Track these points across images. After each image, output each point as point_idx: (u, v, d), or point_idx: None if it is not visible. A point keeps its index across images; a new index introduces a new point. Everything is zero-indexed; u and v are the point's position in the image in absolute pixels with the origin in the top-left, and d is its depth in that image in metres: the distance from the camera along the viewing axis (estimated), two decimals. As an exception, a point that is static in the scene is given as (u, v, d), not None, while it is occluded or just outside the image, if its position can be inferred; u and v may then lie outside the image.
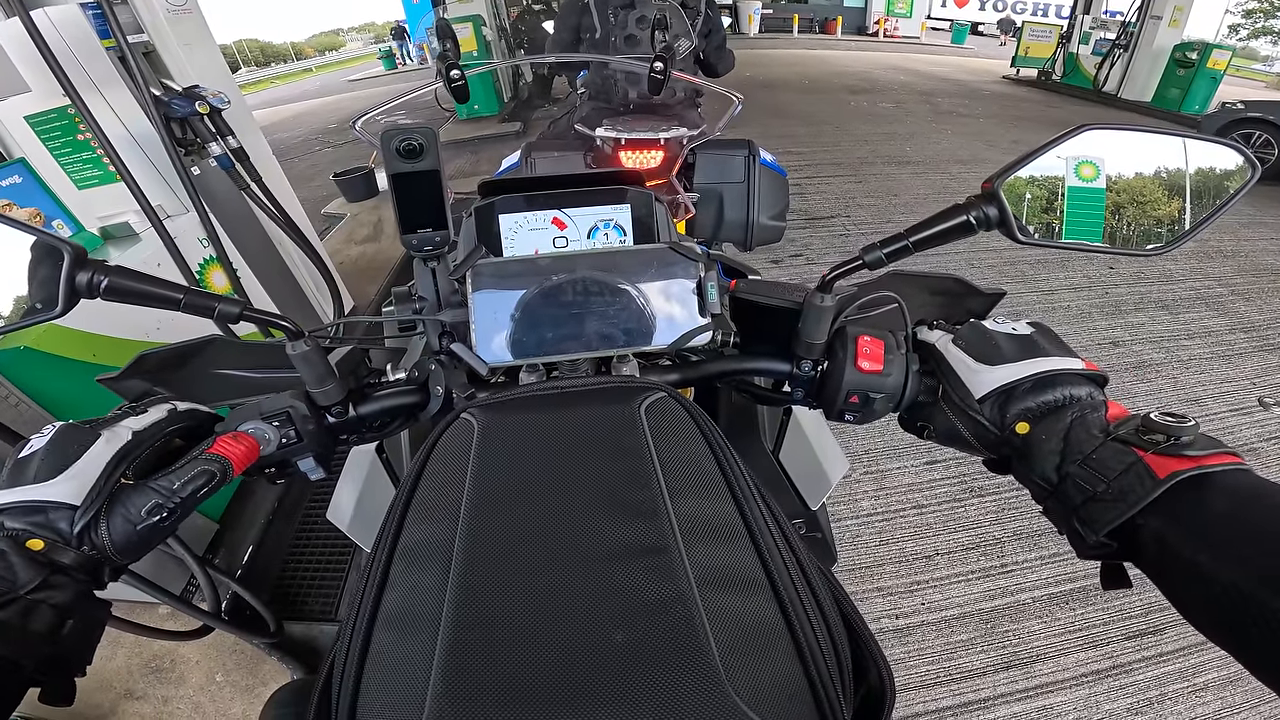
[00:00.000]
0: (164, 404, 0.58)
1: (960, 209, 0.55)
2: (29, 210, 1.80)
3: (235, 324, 0.56)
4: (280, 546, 2.15)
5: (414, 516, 0.48)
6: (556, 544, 0.44)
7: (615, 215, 0.86)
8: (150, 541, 0.50)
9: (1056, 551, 2.08)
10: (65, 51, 1.73)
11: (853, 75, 11.49)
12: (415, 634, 0.40)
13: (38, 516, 0.46)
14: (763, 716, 0.35)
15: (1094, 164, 0.55)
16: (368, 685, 0.40)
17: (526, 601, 0.41)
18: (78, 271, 0.49)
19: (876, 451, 2.51)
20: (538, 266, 0.67)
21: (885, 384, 0.61)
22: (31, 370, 1.54)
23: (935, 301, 0.73)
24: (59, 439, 0.50)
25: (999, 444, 0.56)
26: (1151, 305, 3.56)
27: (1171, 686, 1.72)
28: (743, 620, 0.40)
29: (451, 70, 1.20)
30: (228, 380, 0.69)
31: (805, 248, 4.24)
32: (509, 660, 0.38)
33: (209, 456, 0.53)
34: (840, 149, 6.49)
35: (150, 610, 1.87)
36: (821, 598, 0.44)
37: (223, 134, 2.13)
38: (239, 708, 1.73)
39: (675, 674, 0.36)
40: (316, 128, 10.32)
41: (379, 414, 0.67)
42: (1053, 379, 0.53)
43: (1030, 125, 7.66)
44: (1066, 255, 4.01)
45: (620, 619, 0.39)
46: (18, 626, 0.42)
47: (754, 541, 0.44)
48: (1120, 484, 0.43)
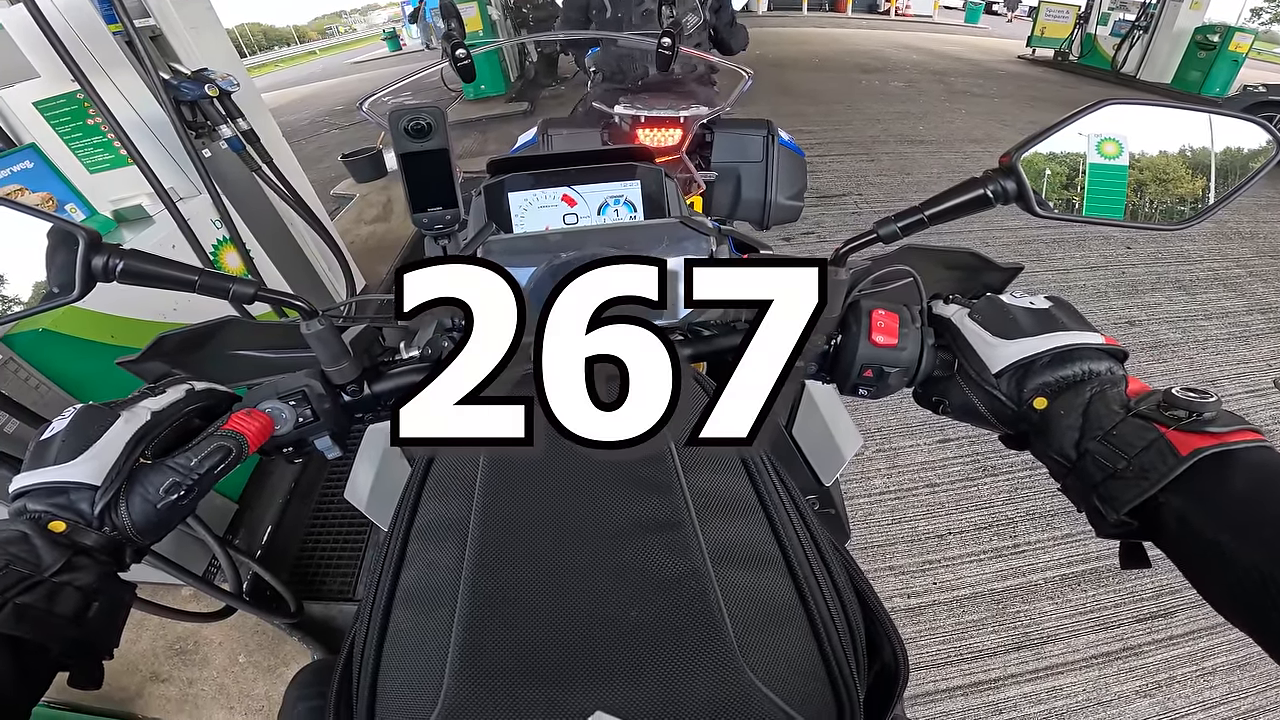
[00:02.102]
0: (182, 384, 0.59)
1: (977, 182, 0.54)
2: (41, 195, 1.80)
3: (250, 304, 0.57)
4: (298, 526, 2.17)
5: (430, 493, 0.48)
6: (571, 519, 0.44)
7: (625, 191, 0.86)
8: (170, 521, 0.51)
9: (1070, 532, 2.08)
10: (71, 36, 1.73)
11: (864, 54, 11.29)
12: (433, 612, 0.41)
13: (59, 498, 0.47)
14: (777, 693, 0.35)
15: (1117, 141, 0.54)
16: (387, 663, 0.40)
17: (542, 578, 0.41)
18: (93, 255, 0.49)
19: (889, 429, 2.50)
20: (548, 242, 0.68)
21: (900, 358, 0.60)
22: (52, 353, 1.55)
23: (950, 276, 0.72)
24: (79, 420, 0.50)
25: (1016, 419, 0.55)
26: (1169, 285, 3.51)
27: (1180, 670, 1.72)
28: (757, 596, 0.40)
29: (457, 49, 1.20)
30: (244, 361, 0.70)
31: (817, 225, 4.21)
32: (525, 637, 0.38)
33: (224, 433, 0.53)
34: (851, 128, 6.40)
35: (173, 592, 1.89)
36: (836, 574, 0.44)
37: (232, 116, 2.13)
38: (262, 688, 1.75)
39: (690, 650, 0.36)
40: (323, 110, 10.28)
41: (393, 392, 0.68)
42: (1071, 353, 0.52)
43: (1046, 105, 7.51)
44: (1083, 234, 3.97)
45: (635, 595, 0.39)
46: (43, 609, 0.42)
47: (768, 517, 0.44)
48: (1141, 461, 0.42)
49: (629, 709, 0.34)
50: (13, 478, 0.48)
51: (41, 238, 0.50)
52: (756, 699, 0.34)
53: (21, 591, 0.41)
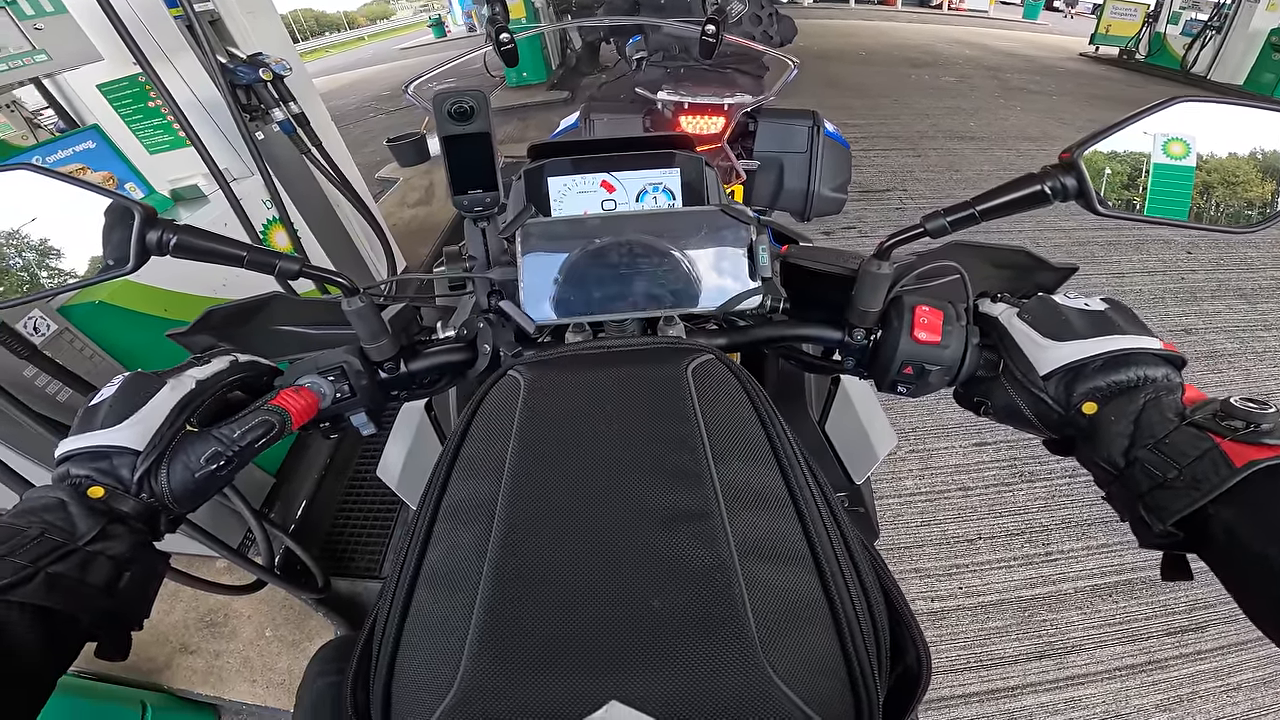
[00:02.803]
0: (226, 355, 0.60)
1: (1034, 178, 0.53)
2: (102, 174, 1.86)
3: (294, 280, 0.58)
4: (331, 503, 2.21)
5: (459, 473, 0.48)
6: (599, 505, 0.43)
7: (664, 179, 0.86)
8: (207, 490, 0.51)
9: (1106, 542, 2.02)
10: (135, 20, 1.80)
11: (913, 48, 10.98)
12: (455, 592, 0.41)
13: (101, 462, 0.48)
14: (796, 691, 0.35)
15: (1184, 141, 0.52)
16: (407, 642, 0.40)
17: (566, 563, 0.41)
18: (148, 230, 0.51)
19: (924, 430, 2.46)
20: (587, 227, 0.68)
21: (942, 356, 0.59)
22: (106, 324, 1.61)
23: (998, 274, 0.70)
24: (126, 387, 0.52)
25: (1062, 424, 0.53)
26: (1229, 293, 3.35)
27: (1204, 685, 1.67)
28: (782, 592, 0.39)
29: (501, 33, 1.20)
30: (287, 336, 0.72)
31: (858, 220, 4.14)
32: (547, 622, 0.38)
33: (270, 408, 0.55)
34: (898, 122, 6.25)
35: (208, 564, 1.92)
36: (864, 573, 0.43)
37: (285, 100, 2.19)
38: (285, 662, 1.78)
39: (710, 644, 0.36)
40: (370, 95, 10.47)
41: (429, 370, 0.69)
42: (1126, 358, 0.50)
43: (1108, 104, 7.19)
44: (1142, 237, 3.82)
45: (659, 585, 0.39)
46: (75, 579, 0.42)
47: (798, 511, 0.44)
48: (1193, 471, 0.41)
49: (646, 700, 0.34)
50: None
51: (99, 212, 0.52)
52: (775, 697, 0.34)
53: (55, 560, 0.41)
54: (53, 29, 1.57)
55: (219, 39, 2.16)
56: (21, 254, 0.52)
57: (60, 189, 0.52)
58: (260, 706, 1.71)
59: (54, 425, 1.28)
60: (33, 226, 0.52)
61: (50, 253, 0.53)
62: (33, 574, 0.40)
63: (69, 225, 0.53)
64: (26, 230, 0.52)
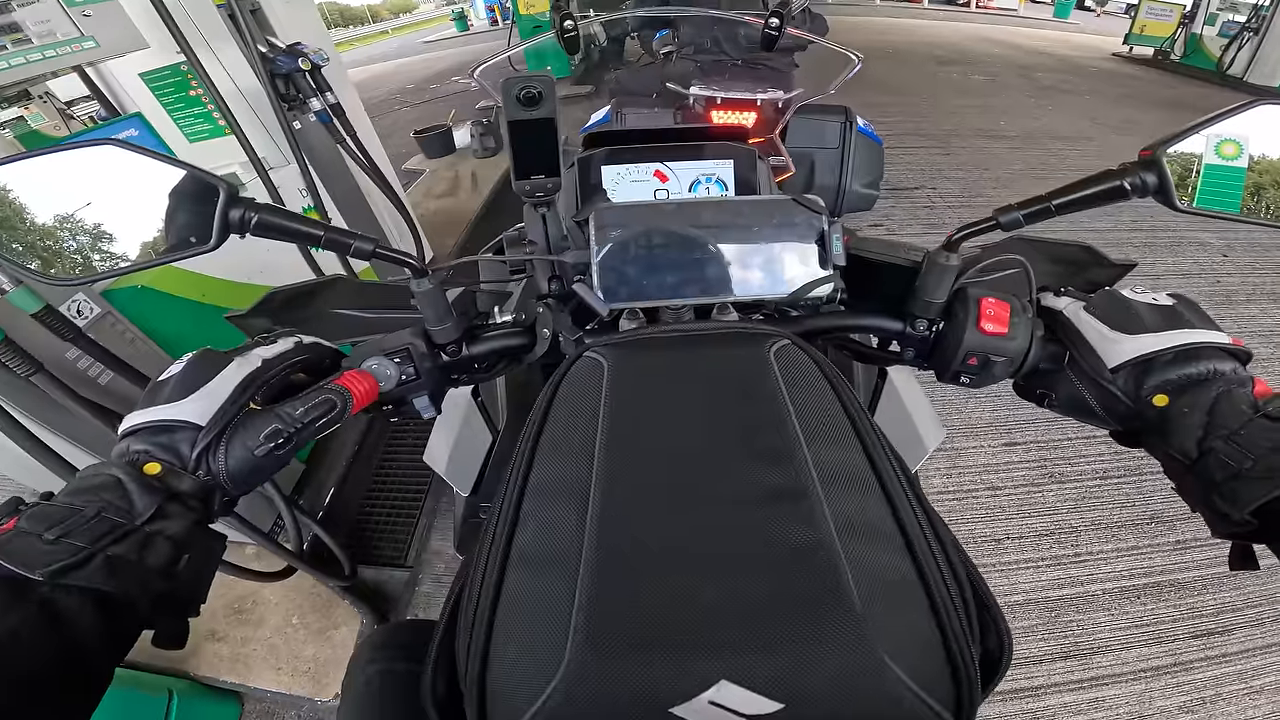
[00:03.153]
0: (291, 336, 0.60)
1: (1114, 174, 0.53)
2: None
3: (367, 260, 0.58)
4: (358, 490, 2.22)
5: (544, 455, 0.47)
6: (696, 485, 0.43)
7: (718, 170, 0.86)
8: (263, 470, 0.51)
9: (1136, 545, 1.99)
10: (180, 10, 1.82)
11: (942, 46, 10.82)
12: (552, 574, 0.39)
13: (162, 437, 0.47)
14: (902, 669, 0.34)
15: (1237, 143, 0.53)
16: (501, 626, 0.39)
17: (667, 543, 0.40)
18: (231, 208, 0.51)
19: (953, 429, 2.44)
20: (660, 212, 0.68)
21: (1008, 348, 0.59)
22: (148, 308, 1.63)
23: (1057, 270, 0.70)
24: (194, 362, 0.52)
25: (1130, 416, 0.54)
26: (1264, 297, 3.28)
27: (1228, 687, 1.66)
28: (881, 571, 0.39)
29: (565, 20, 1.20)
30: (346, 319, 0.72)
31: (885, 217, 4.10)
32: (651, 603, 0.37)
33: (334, 387, 0.54)
34: (928, 120, 6.17)
35: (237, 551, 1.92)
36: (952, 556, 0.43)
37: (322, 90, 2.20)
38: (310, 650, 1.78)
39: (819, 622, 0.35)
40: (395, 88, 10.54)
41: (488, 355, 0.69)
42: (1196, 351, 0.51)
43: (1144, 104, 7.05)
44: (1178, 239, 3.76)
45: (762, 563, 0.38)
46: (134, 561, 0.40)
47: (886, 493, 0.44)
48: (1269, 461, 0.42)
49: (756, 679, 0.33)
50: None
51: (178, 191, 0.52)
52: (886, 675, 0.34)
53: (114, 541, 0.39)
54: (101, 16, 1.60)
55: (259, 28, 2.20)
56: (100, 229, 0.52)
57: (144, 163, 0.51)
58: (285, 694, 1.71)
59: (96, 408, 1.29)
60: (116, 202, 0.52)
61: (130, 229, 0.52)
62: (90, 555, 0.38)
63: (151, 201, 0.52)
64: (108, 206, 0.52)
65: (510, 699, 0.36)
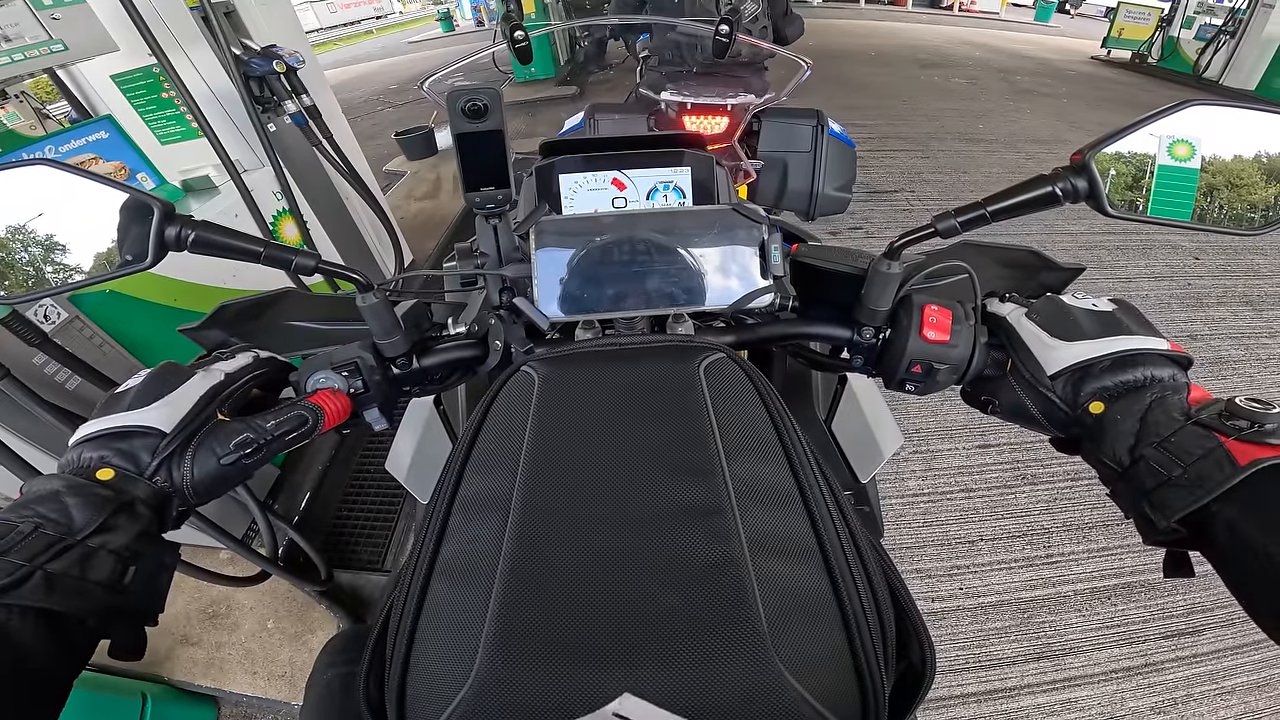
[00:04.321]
0: (248, 351, 0.61)
1: (1046, 179, 0.53)
2: (114, 164, 1.85)
3: (309, 276, 0.58)
4: (334, 495, 2.20)
5: (473, 468, 0.48)
6: (613, 500, 0.44)
7: (675, 177, 0.86)
8: (227, 480, 0.51)
9: (1106, 546, 2.03)
10: (151, 12, 1.80)
11: (924, 49, 10.93)
12: (471, 585, 0.41)
13: (120, 443, 0.46)
14: (805, 685, 0.35)
15: (1189, 143, 0.52)
16: (422, 634, 0.40)
17: (581, 557, 0.41)
18: (167, 226, 0.50)
19: (927, 431, 2.46)
20: (600, 224, 0.68)
21: (950, 355, 0.59)
22: (117, 313, 1.60)
23: (1006, 274, 0.70)
24: (156, 375, 0.52)
25: (1069, 423, 0.54)
26: (1235, 300, 3.35)
27: (1199, 688, 1.69)
28: (792, 587, 0.40)
29: (515, 31, 1.20)
30: (298, 331, 0.72)
31: (865, 220, 4.14)
32: (561, 616, 0.38)
33: (306, 404, 0.55)
34: (908, 123, 6.23)
35: (211, 555, 1.90)
36: (871, 569, 0.43)
37: (297, 92, 2.20)
38: (286, 654, 1.77)
39: (722, 638, 0.36)
40: (378, 88, 10.46)
41: (440, 366, 0.69)
42: (1134, 358, 0.50)
43: (1119, 107, 7.17)
44: (1149, 242, 3.81)
45: (672, 580, 0.39)
46: (75, 577, 0.39)
47: (807, 508, 0.44)
48: (1198, 469, 0.41)
49: (659, 693, 0.34)
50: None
51: (115, 207, 0.51)
52: (785, 690, 0.35)
53: (51, 558, 0.38)
54: (70, 19, 1.57)
55: (234, 30, 2.17)
56: (36, 249, 0.52)
57: (77, 184, 0.51)
58: (261, 698, 1.70)
59: (62, 413, 1.28)
60: (49, 221, 0.51)
61: (66, 248, 0.52)
62: (29, 574, 0.37)
63: (86, 220, 0.52)
64: (43, 225, 0.51)
65: (426, 705, 0.37)
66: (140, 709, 1.56)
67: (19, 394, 1.23)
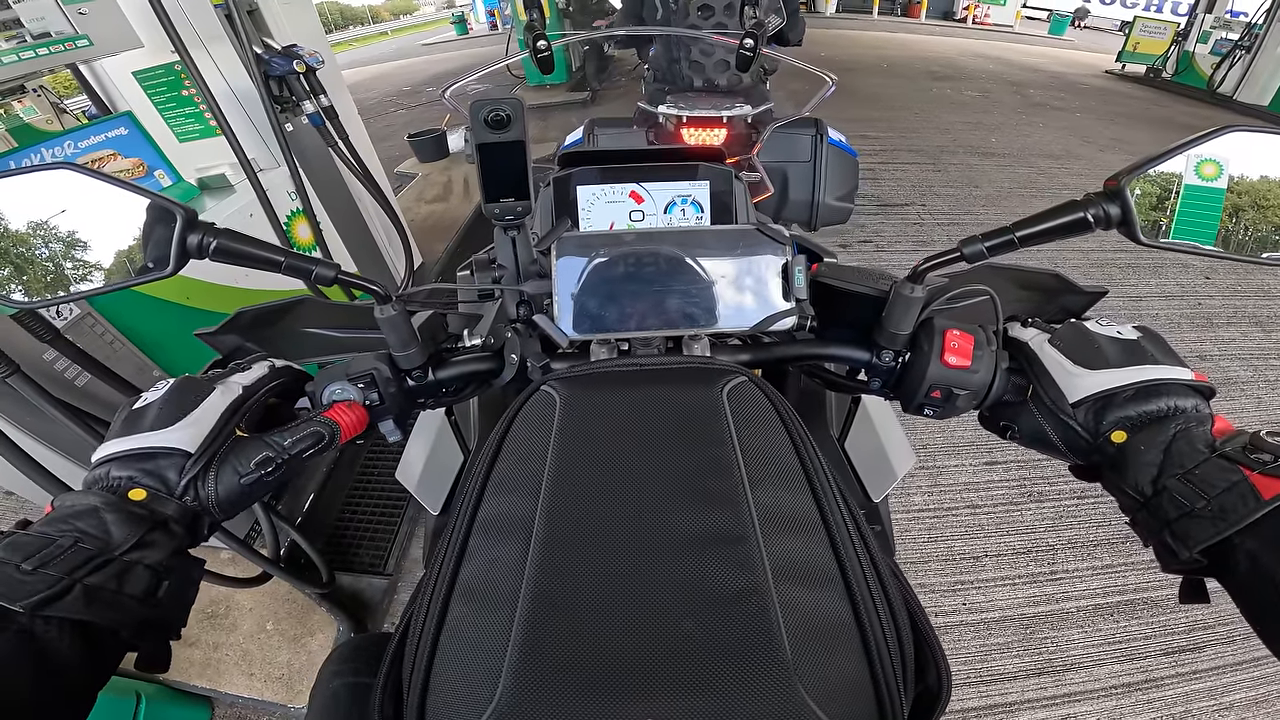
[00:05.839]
0: (264, 361, 0.61)
1: (1077, 205, 0.52)
2: (132, 160, 1.84)
3: (328, 286, 0.59)
4: (337, 498, 2.20)
5: (494, 488, 0.48)
6: (637, 527, 0.44)
7: (693, 191, 0.86)
8: (251, 496, 0.51)
9: (1110, 563, 2.02)
10: (176, 9, 1.80)
11: (936, 61, 10.93)
12: (493, 608, 0.41)
13: (147, 464, 0.47)
14: (828, 713, 0.35)
15: (1217, 162, 0.51)
16: (443, 654, 0.41)
17: (604, 584, 0.41)
18: (189, 233, 0.50)
19: (935, 447, 2.46)
20: (622, 242, 0.67)
21: (971, 380, 0.58)
22: (130, 311, 1.60)
23: (1027, 297, 0.69)
24: (177, 389, 0.52)
25: (1090, 451, 0.53)
26: (1245, 320, 3.33)
27: (1198, 704, 1.68)
28: (815, 615, 0.40)
29: (538, 40, 1.20)
30: (314, 338, 0.72)
31: (875, 234, 4.13)
32: (584, 643, 0.38)
33: (322, 419, 0.55)
34: (919, 136, 6.22)
35: (212, 555, 1.86)
36: (891, 595, 0.44)
37: (316, 93, 2.21)
38: (285, 656, 1.76)
39: (746, 667, 0.36)
40: (391, 90, 10.55)
41: (455, 379, 0.68)
42: (1157, 388, 0.50)
43: (1133, 122, 7.14)
44: (1160, 262, 3.78)
45: (695, 608, 0.39)
46: (113, 590, 0.40)
47: (829, 535, 0.44)
48: (1221, 501, 0.41)
49: None
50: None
51: (137, 212, 0.51)
52: (809, 719, 0.35)
53: (91, 571, 0.39)
54: (96, 14, 1.59)
55: (255, 29, 2.18)
56: (58, 246, 0.51)
57: (99, 188, 0.51)
58: (257, 700, 1.69)
59: (71, 411, 1.27)
60: (70, 224, 0.51)
61: (87, 251, 0.52)
62: (69, 587, 0.38)
63: (107, 224, 0.52)
64: (64, 228, 0.51)
65: None
66: (134, 708, 1.54)
67: (28, 390, 1.21)
